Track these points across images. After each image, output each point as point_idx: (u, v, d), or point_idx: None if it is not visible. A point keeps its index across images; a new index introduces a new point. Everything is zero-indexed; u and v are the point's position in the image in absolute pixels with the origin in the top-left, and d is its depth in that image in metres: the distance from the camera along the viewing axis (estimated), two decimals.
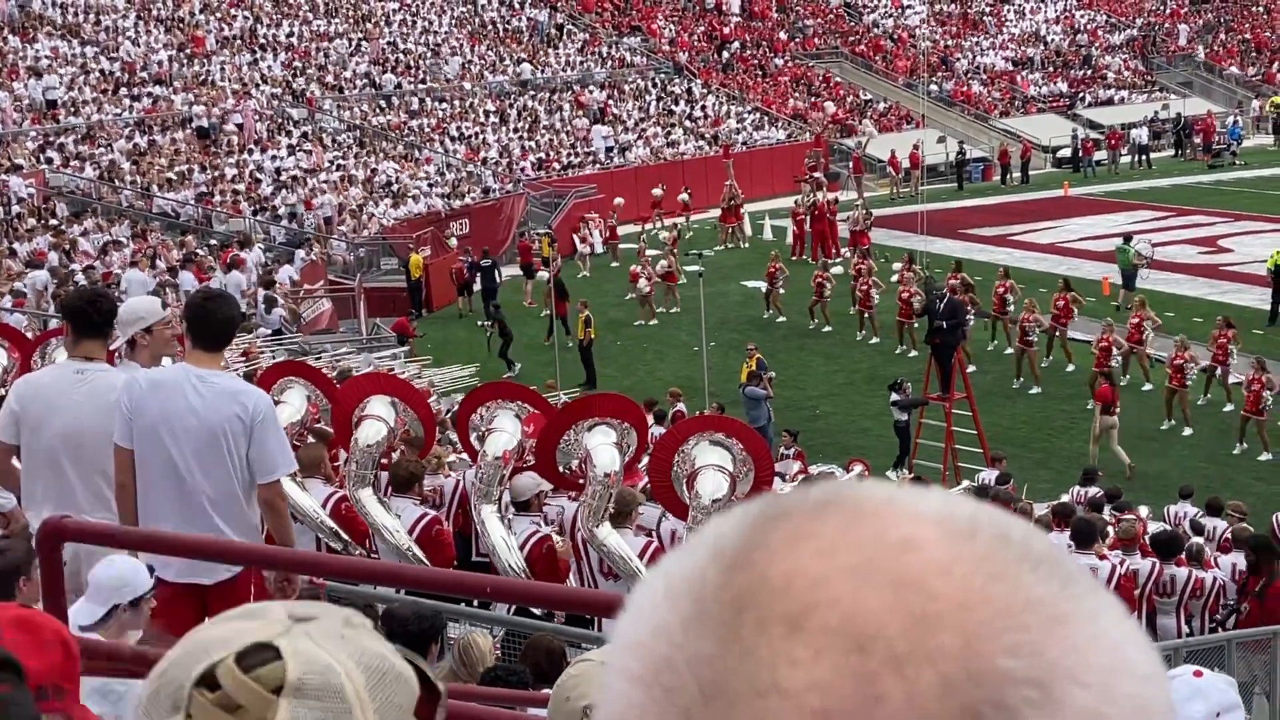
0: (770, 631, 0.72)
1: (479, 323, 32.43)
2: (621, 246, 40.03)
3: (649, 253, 35.94)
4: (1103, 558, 13.72)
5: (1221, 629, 14.24)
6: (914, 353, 29.40)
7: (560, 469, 10.53)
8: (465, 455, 12.65)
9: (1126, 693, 0.74)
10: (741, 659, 0.73)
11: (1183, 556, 14.59)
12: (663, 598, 0.77)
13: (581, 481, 10.36)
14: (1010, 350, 29.15)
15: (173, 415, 6.53)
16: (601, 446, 10.08)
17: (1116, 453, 23.74)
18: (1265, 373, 24.10)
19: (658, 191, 44.49)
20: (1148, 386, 26.85)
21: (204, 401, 6.53)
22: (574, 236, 41.41)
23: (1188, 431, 25.17)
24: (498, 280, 35.37)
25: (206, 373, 6.61)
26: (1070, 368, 28.49)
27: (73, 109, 40.98)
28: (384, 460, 11.16)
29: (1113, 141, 55.32)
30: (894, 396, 24.41)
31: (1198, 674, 4.22)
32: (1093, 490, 19.53)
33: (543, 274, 33.90)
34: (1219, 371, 25.80)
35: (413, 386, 12.65)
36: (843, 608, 0.72)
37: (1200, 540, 16.06)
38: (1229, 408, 25.49)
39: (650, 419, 20.83)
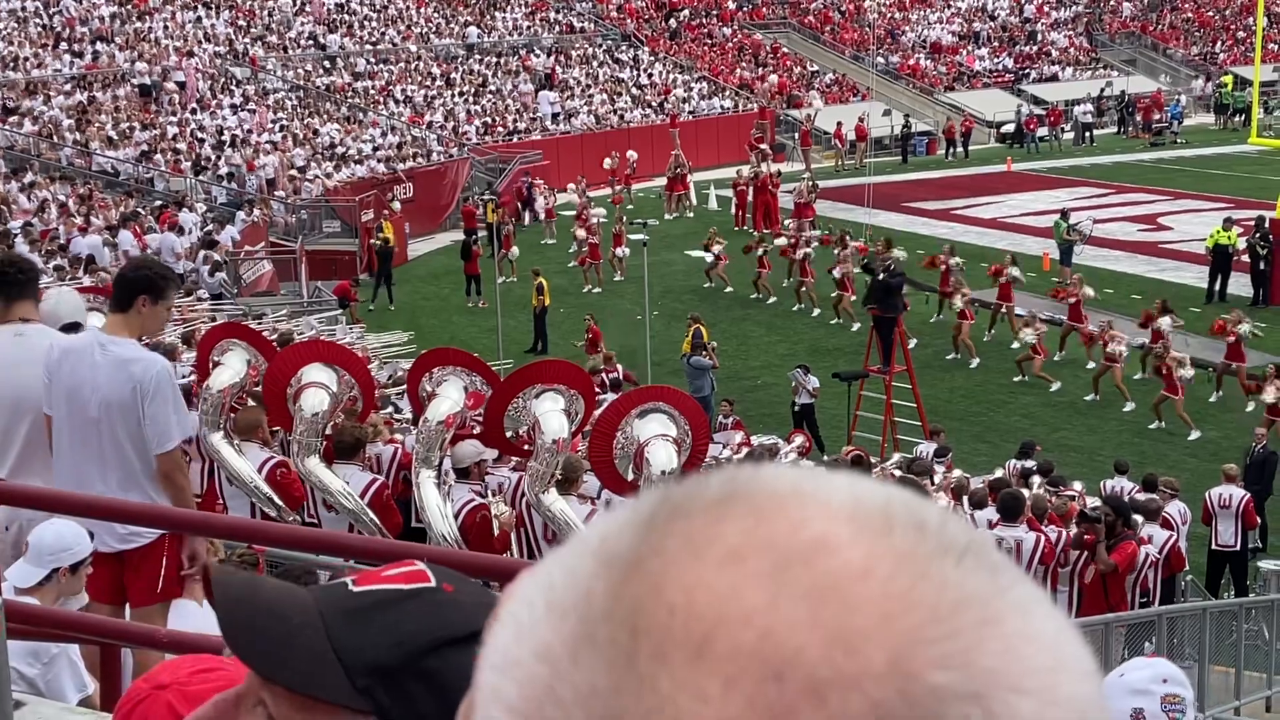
0: (671, 660, 0.63)
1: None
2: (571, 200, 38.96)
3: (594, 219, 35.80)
4: (1034, 528, 13.86)
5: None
6: (856, 325, 29.54)
7: (507, 434, 10.52)
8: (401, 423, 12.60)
9: (1068, 694, 0.66)
10: (639, 694, 0.63)
11: None
12: (544, 611, 0.67)
13: (528, 447, 10.35)
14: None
15: (79, 383, 6.49)
16: (550, 413, 10.05)
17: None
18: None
19: (609, 162, 44.19)
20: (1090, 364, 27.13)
21: (102, 370, 6.47)
22: (517, 203, 41.19)
23: (1129, 406, 25.39)
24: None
25: (110, 339, 6.55)
26: (1016, 344, 28.65)
27: (11, 64, 40.36)
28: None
29: (1053, 118, 55.67)
30: (800, 373, 24.59)
31: (1152, 655, 4.50)
32: (1026, 463, 19.71)
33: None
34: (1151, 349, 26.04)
35: (351, 352, 12.55)
36: (753, 627, 0.63)
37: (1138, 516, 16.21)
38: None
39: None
